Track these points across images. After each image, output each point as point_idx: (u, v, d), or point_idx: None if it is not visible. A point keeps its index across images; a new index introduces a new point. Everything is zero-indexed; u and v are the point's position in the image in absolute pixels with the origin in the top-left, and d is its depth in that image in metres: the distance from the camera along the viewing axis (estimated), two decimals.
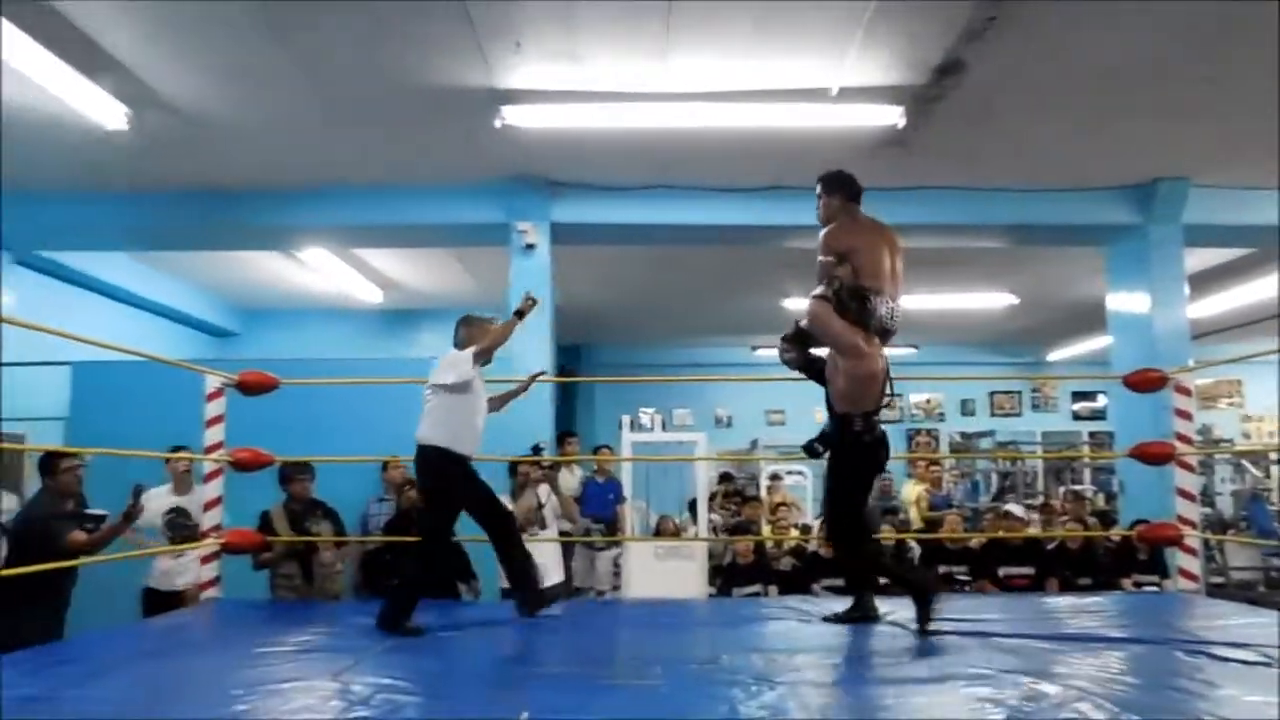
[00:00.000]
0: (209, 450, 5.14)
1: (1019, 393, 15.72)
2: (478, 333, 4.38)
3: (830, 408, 4.13)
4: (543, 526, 5.88)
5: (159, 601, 5.50)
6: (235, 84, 5.70)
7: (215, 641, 4.07)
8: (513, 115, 5.93)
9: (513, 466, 5.80)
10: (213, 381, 5.15)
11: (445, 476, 4.14)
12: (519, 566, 4.35)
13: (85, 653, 3.77)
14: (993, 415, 15.60)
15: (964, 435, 15.07)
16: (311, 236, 8.16)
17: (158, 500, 5.69)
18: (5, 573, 4.91)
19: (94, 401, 6.87)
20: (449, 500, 4.17)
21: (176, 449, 5.73)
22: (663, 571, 6.46)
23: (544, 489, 5.90)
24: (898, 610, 4.29)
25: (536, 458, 5.66)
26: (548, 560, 5.62)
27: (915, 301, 11.15)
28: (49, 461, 5.35)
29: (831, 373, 4.14)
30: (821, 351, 4.25)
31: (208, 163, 6.88)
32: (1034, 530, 7.21)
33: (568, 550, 6.46)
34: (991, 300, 11.24)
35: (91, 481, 6.32)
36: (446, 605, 5.07)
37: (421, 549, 4.20)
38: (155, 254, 9.53)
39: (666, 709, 2.75)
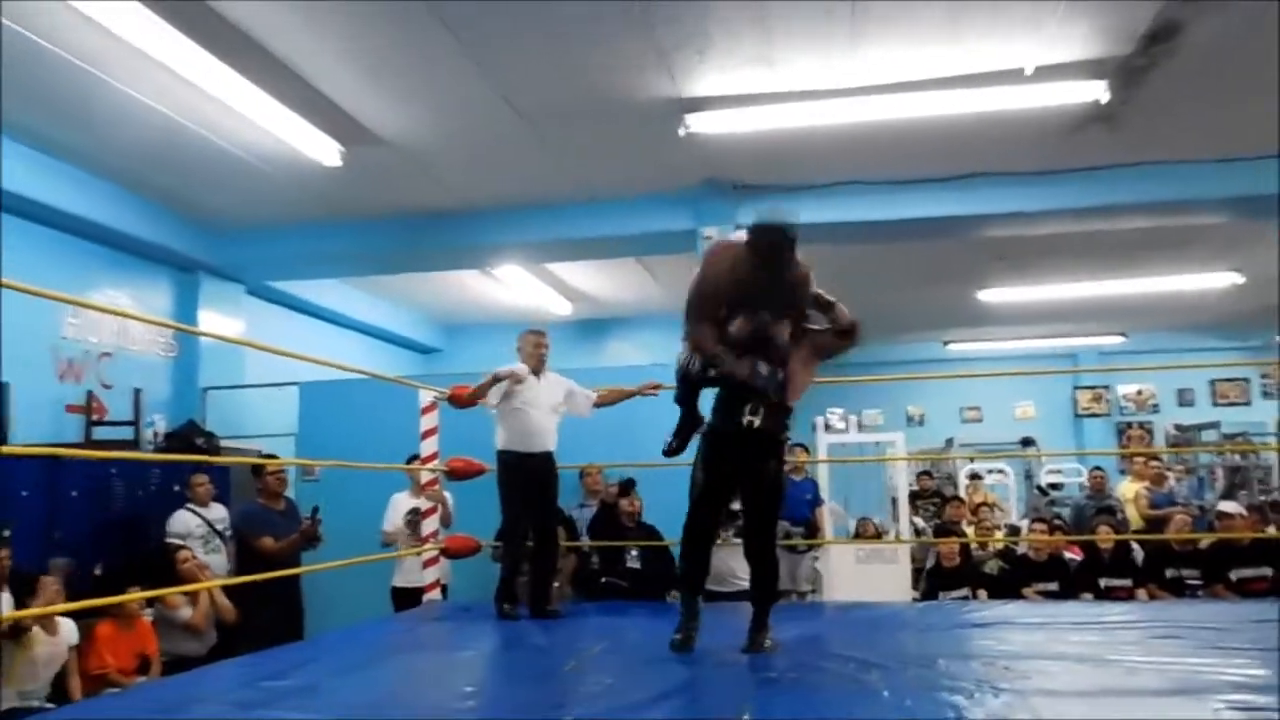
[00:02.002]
0: (425, 460, 5.48)
1: (1246, 380, 14.40)
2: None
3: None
4: None
5: (404, 598, 5.98)
6: (436, 114, 6.04)
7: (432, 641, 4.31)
8: (697, 122, 5.99)
9: None
10: (426, 396, 5.48)
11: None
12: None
13: (331, 650, 4.10)
14: (1215, 405, 14.35)
15: (1180, 428, 13.92)
16: (507, 254, 8.52)
17: (402, 503, 6.20)
18: (218, 583, 5.49)
19: (319, 417, 7.43)
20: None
21: (414, 458, 6.12)
22: (864, 574, 6.34)
23: None
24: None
25: None
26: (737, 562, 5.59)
27: (1121, 286, 10.47)
28: (258, 469, 6.15)
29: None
30: None
31: (413, 190, 7.34)
32: (1272, 530, 6.60)
33: None
34: (1211, 280, 10.36)
35: (321, 490, 6.88)
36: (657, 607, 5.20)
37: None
38: (367, 278, 10.22)
39: (889, 712, 2.71)
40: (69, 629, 4.50)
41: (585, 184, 7.36)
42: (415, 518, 6.19)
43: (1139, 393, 14.57)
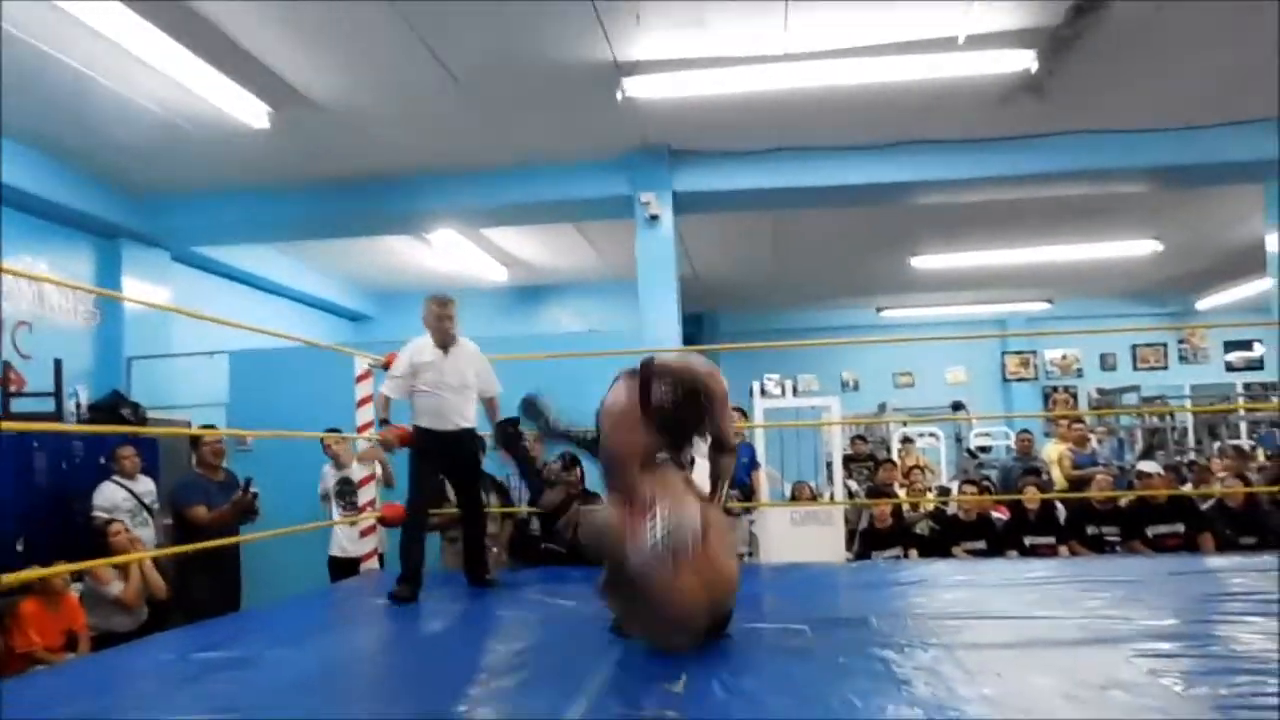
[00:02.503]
0: (361, 430, 5.42)
1: (1165, 345, 14.92)
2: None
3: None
4: None
5: (341, 568, 5.97)
6: (368, 76, 5.90)
7: (375, 614, 4.29)
8: (634, 87, 5.95)
9: None
10: (361, 364, 5.42)
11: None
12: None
13: (266, 622, 4.06)
14: (1136, 369, 14.86)
15: (1102, 391, 14.39)
16: (440, 219, 8.40)
17: (331, 475, 6.19)
18: (153, 554, 5.39)
19: (251, 386, 7.29)
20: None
21: (330, 430, 6.08)
22: (800, 536, 6.45)
23: None
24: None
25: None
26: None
27: (1048, 253, 10.73)
28: (195, 440, 6.07)
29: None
30: None
31: (344, 154, 7.18)
32: (1187, 488, 6.87)
33: None
34: (1133, 248, 10.67)
35: (255, 460, 6.77)
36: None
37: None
38: (296, 244, 10.00)
39: (823, 669, 2.77)
40: None
41: (520, 148, 7.28)
42: (346, 489, 6.16)
43: (1064, 358, 15.01)
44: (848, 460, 8.70)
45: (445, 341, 4.67)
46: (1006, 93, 6.27)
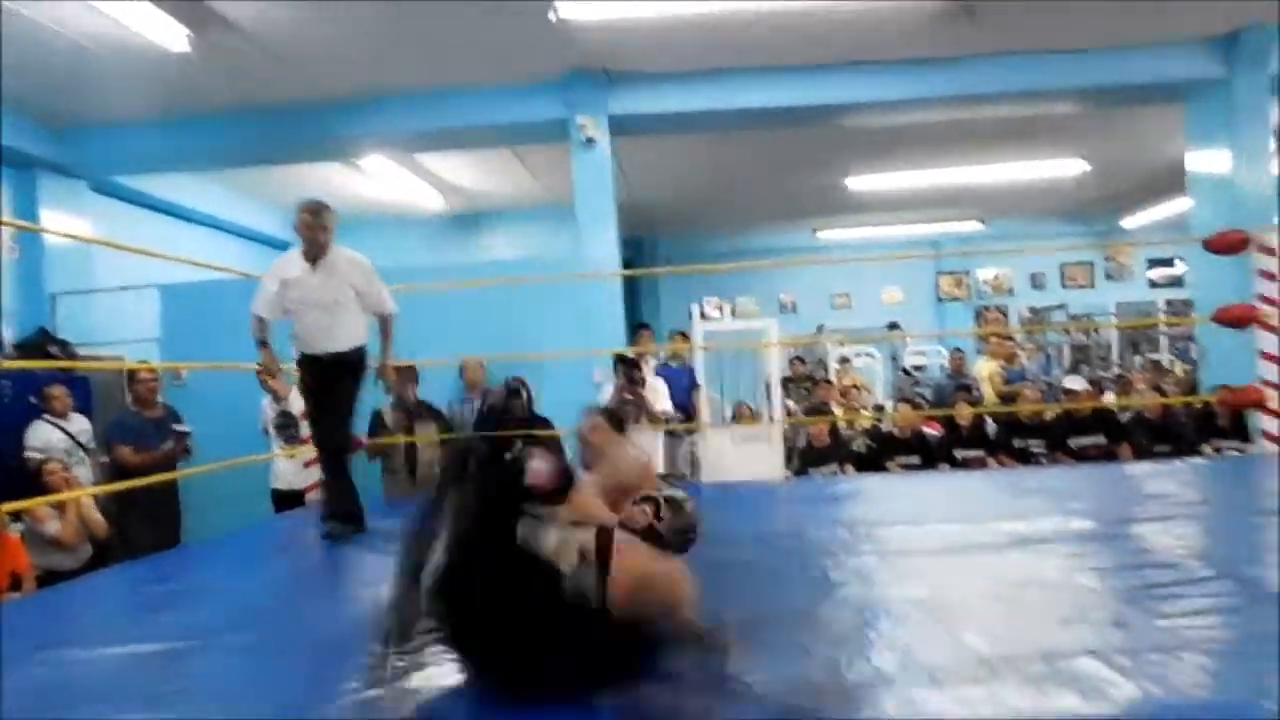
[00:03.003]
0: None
1: (1091, 264, 15.32)
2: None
3: None
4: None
5: (285, 500, 5.98)
6: None
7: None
8: (566, 9, 5.85)
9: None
10: None
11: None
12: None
13: (214, 554, 4.08)
14: (1064, 288, 15.27)
15: (1034, 310, 14.81)
16: (371, 145, 8.21)
17: (268, 410, 6.16)
18: (86, 492, 5.34)
19: (183, 320, 7.13)
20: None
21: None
22: (740, 456, 6.61)
23: None
24: None
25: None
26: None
27: (980, 174, 10.90)
28: (129, 377, 5.98)
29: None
30: None
31: (269, 79, 6.94)
32: (1108, 400, 7.17)
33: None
34: (1062, 168, 10.89)
35: (189, 395, 6.69)
36: None
37: None
38: (226, 173, 9.71)
39: (763, 579, 2.90)
40: None
41: (451, 71, 7.12)
42: (286, 421, 6.14)
43: (996, 278, 15.35)
44: (786, 381, 8.89)
45: (315, 254, 4.15)
46: (939, 14, 6.30)
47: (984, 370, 8.55)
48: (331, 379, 4.20)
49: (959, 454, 6.71)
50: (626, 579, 1.95)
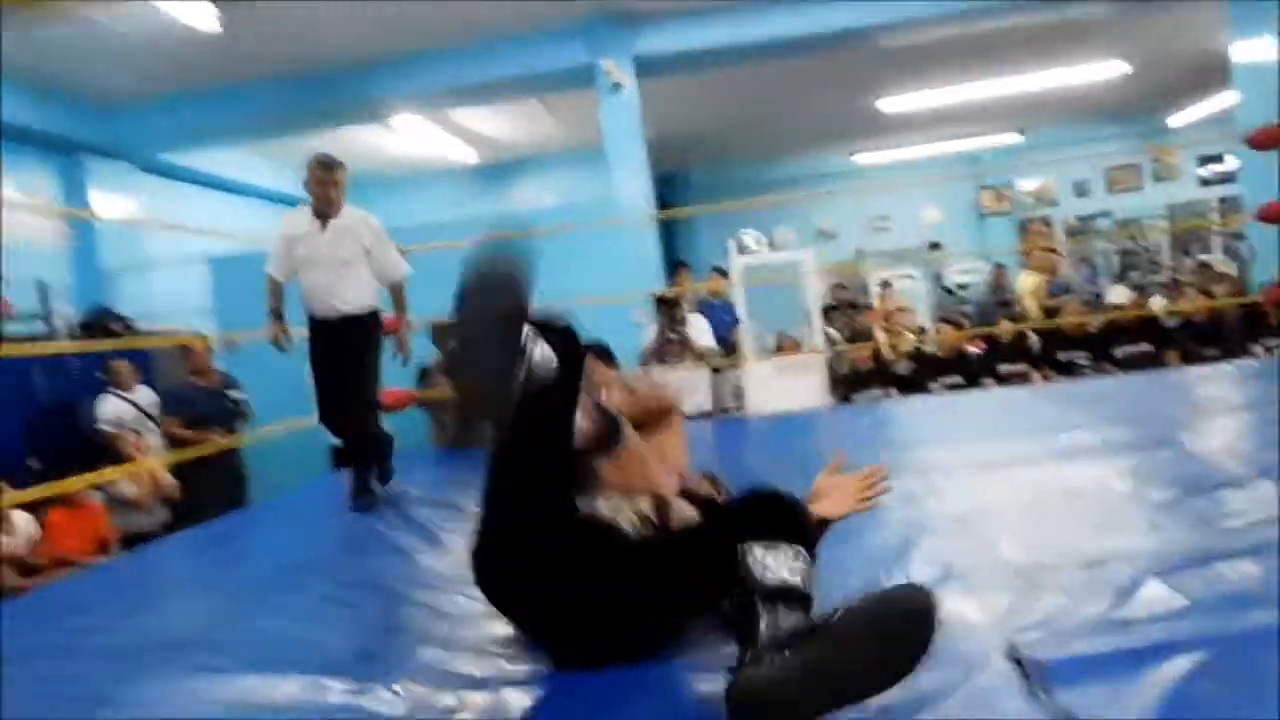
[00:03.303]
0: None
1: (1138, 166, 14.91)
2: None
3: None
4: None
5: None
6: None
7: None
8: None
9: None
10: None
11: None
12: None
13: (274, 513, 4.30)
14: (1110, 193, 14.91)
15: (1079, 218, 14.50)
16: (402, 104, 8.28)
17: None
18: (153, 460, 5.59)
19: (235, 291, 7.33)
20: None
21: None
22: (783, 386, 6.68)
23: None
24: None
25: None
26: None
27: (1016, 84, 10.65)
28: (183, 349, 6.17)
29: None
30: None
31: (296, 49, 7.04)
32: (1153, 306, 7.10)
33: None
34: (1100, 71, 10.59)
35: (244, 361, 6.92)
36: None
37: None
38: (265, 143, 9.86)
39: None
40: (25, 523, 4.59)
41: (473, 23, 7.13)
42: None
43: (1038, 188, 15.03)
44: (829, 309, 8.89)
45: (325, 211, 3.95)
46: None
47: (1025, 284, 8.49)
48: (342, 347, 3.92)
49: (1002, 369, 6.73)
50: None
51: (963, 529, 2.49)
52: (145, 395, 6.26)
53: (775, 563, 1.64)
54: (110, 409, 6.02)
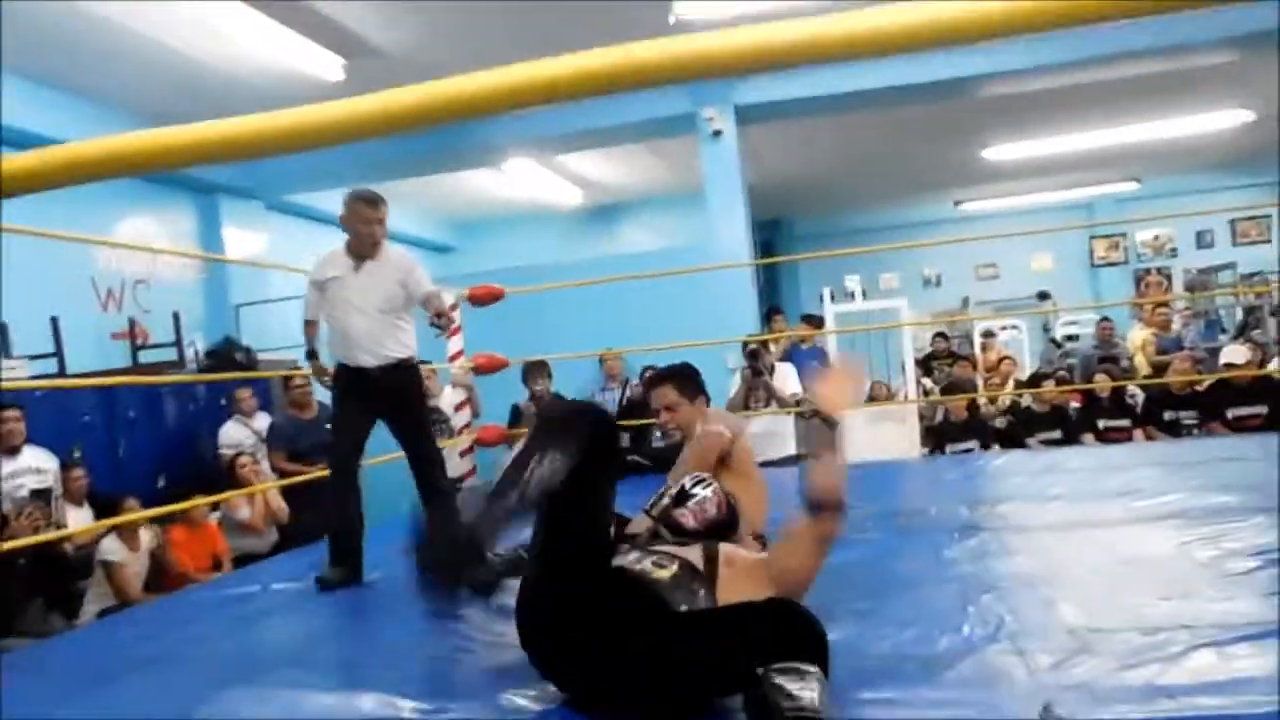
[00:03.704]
0: (452, 359, 5.81)
1: (1268, 217, 14.24)
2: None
3: None
4: None
5: None
6: (432, 22, 6.15)
7: None
8: (685, 8, 6.05)
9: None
10: (448, 297, 5.76)
11: None
12: None
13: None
14: (1235, 245, 14.27)
15: (1200, 271, 13.90)
16: (514, 149, 8.66)
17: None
18: (266, 486, 5.91)
19: None
20: None
21: (420, 362, 6.47)
22: (873, 434, 6.66)
23: None
24: None
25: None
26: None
27: (1131, 133, 10.40)
28: (284, 383, 6.43)
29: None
30: None
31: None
32: (1272, 368, 6.79)
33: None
34: (1221, 120, 10.27)
35: None
36: None
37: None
38: (382, 185, 10.39)
39: (878, 554, 3.04)
40: (150, 538, 4.97)
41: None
42: (436, 417, 6.55)
43: (1155, 238, 14.53)
44: (929, 358, 8.80)
45: (364, 251, 3.66)
46: None
47: (1137, 339, 8.23)
48: (375, 394, 3.62)
49: (1102, 424, 6.55)
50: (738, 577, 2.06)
51: (1024, 588, 2.50)
52: (262, 422, 6.66)
53: (795, 688, 1.65)
54: (231, 435, 6.42)
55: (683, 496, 2.44)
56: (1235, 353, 7.09)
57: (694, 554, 2.13)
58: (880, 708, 1.79)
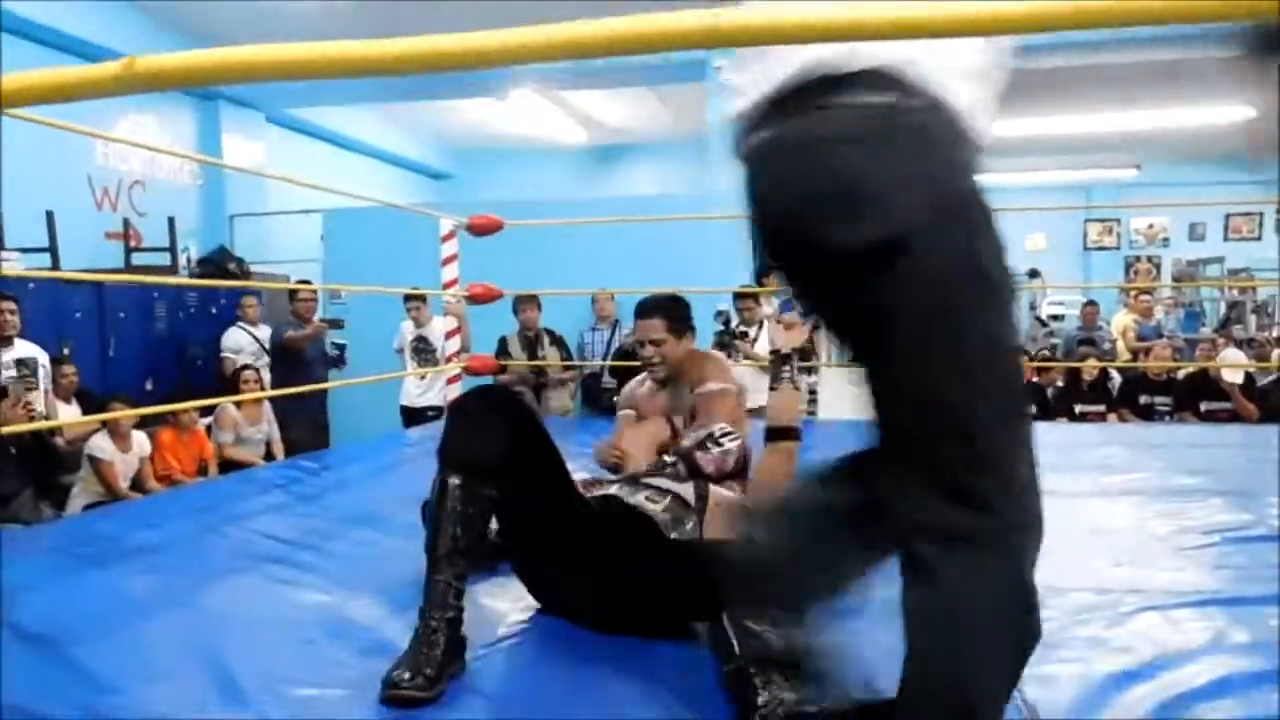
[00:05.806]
0: (446, 286, 5.83)
1: (1260, 215, 14.34)
2: None
3: None
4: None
5: (409, 416, 6.49)
6: None
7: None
8: None
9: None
10: (446, 224, 5.78)
11: None
12: None
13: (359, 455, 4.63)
14: (1226, 240, 14.37)
15: (1189, 262, 14.01)
16: (517, 82, 8.61)
17: (408, 331, 6.64)
18: (264, 395, 5.98)
19: (343, 242, 7.76)
20: None
21: (413, 289, 6.50)
22: (860, 394, 6.76)
23: None
24: None
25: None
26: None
27: (1134, 119, 10.43)
28: (290, 295, 6.49)
29: None
30: None
31: (422, 22, 7.38)
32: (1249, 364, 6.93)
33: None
34: (1222, 114, 10.31)
35: (348, 312, 7.31)
36: None
37: None
38: (381, 106, 10.32)
39: None
40: (140, 441, 5.03)
41: (594, 8, 7.36)
42: (422, 345, 6.60)
43: (1150, 226, 14.61)
44: None
45: None
46: None
47: (1119, 323, 8.36)
48: None
49: (1078, 408, 6.69)
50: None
51: None
52: (264, 332, 6.68)
53: (760, 627, 1.61)
54: (234, 340, 6.46)
55: (709, 442, 2.48)
56: (1233, 373, 7.08)
57: (686, 490, 2.22)
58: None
